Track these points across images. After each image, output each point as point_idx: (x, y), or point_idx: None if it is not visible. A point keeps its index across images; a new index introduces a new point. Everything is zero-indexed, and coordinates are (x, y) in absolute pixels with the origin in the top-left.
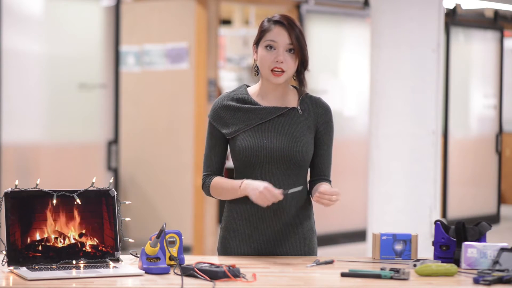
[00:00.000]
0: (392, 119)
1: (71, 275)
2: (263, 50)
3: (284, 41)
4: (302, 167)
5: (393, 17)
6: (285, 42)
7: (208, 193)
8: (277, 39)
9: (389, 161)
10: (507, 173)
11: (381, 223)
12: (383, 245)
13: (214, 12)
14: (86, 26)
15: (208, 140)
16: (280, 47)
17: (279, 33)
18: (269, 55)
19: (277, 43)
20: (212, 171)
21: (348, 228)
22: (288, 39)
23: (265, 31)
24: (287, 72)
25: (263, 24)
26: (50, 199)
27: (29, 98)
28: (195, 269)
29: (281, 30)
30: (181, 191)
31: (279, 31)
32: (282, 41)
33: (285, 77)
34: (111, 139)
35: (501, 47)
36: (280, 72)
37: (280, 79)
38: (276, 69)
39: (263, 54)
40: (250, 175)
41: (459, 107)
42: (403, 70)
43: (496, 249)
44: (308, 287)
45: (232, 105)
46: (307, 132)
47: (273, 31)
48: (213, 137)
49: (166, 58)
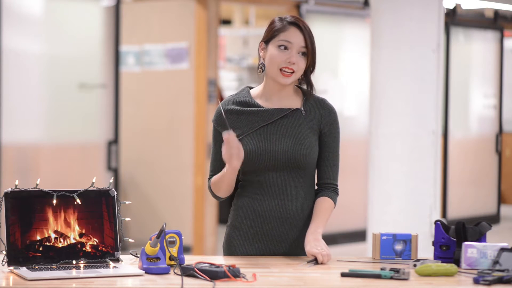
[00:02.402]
0: (392, 119)
1: (71, 275)
2: (275, 49)
3: (298, 43)
4: (307, 168)
5: (393, 17)
6: (299, 44)
7: (212, 193)
8: (293, 40)
9: (389, 161)
10: (507, 173)
11: (381, 223)
12: (383, 245)
13: (214, 12)
14: (86, 26)
15: (213, 145)
16: (294, 48)
17: (295, 35)
18: (281, 54)
19: (292, 44)
20: (215, 174)
21: (348, 228)
22: (303, 42)
23: (279, 31)
24: (296, 73)
25: (275, 24)
26: (50, 199)
27: (29, 98)
28: (195, 269)
29: (296, 32)
30: (181, 191)
31: (294, 33)
32: (297, 43)
33: (294, 78)
34: (111, 139)
35: (501, 47)
36: (290, 73)
37: (289, 80)
38: (286, 69)
39: (275, 53)
40: (254, 178)
41: (459, 107)
42: (403, 70)
43: (496, 249)
44: (308, 287)
45: (235, 109)
46: (311, 133)
47: (289, 32)
48: (217, 142)
49: (166, 58)
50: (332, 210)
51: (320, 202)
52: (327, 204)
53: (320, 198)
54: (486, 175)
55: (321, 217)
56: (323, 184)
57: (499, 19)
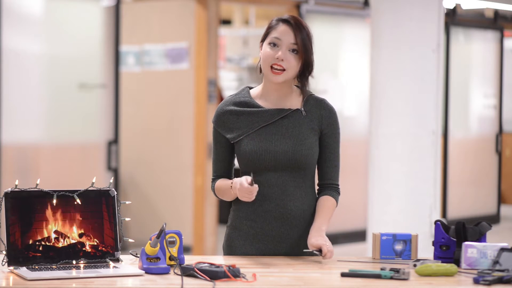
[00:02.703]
0: (392, 119)
1: (71, 275)
2: (267, 46)
3: (288, 40)
4: (307, 169)
5: (393, 17)
6: (289, 41)
7: (216, 196)
8: (282, 37)
9: (389, 161)
10: (507, 173)
11: (381, 223)
12: (383, 245)
13: (214, 12)
14: (86, 26)
15: (214, 146)
16: (283, 45)
17: (284, 32)
18: (271, 51)
19: (281, 41)
20: (218, 176)
21: (348, 228)
22: (292, 39)
23: (271, 29)
24: (287, 71)
25: (271, 22)
26: (50, 199)
27: (29, 98)
28: (195, 269)
29: (286, 29)
30: (181, 191)
31: (284, 30)
32: (286, 40)
33: (285, 76)
34: (111, 139)
35: (501, 47)
36: (280, 71)
37: (279, 77)
38: (275, 66)
39: (266, 50)
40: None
41: (459, 107)
42: (403, 70)
43: (496, 249)
44: (308, 287)
45: (235, 109)
46: (311, 134)
47: (279, 29)
48: (218, 143)
49: (166, 58)
50: (335, 209)
51: (323, 200)
52: (329, 202)
53: (322, 197)
54: (486, 175)
55: (325, 215)
56: (324, 184)
57: (499, 19)
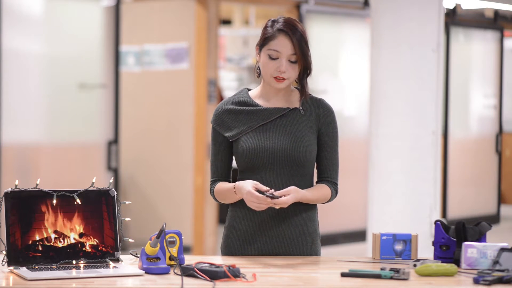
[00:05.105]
0: (392, 119)
1: (71, 275)
2: (266, 57)
3: (287, 52)
4: (305, 167)
5: (393, 17)
6: (288, 53)
7: (216, 199)
8: (281, 49)
9: (389, 161)
10: (507, 173)
11: (381, 223)
12: (383, 245)
13: (214, 12)
14: (86, 26)
15: (212, 146)
16: (283, 57)
17: (283, 43)
18: (271, 63)
19: (280, 53)
20: (217, 177)
21: (348, 228)
22: (291, 50)
23: (269, 39)
24: (290, 79)
25: (267, 29)
26: (50, 199)
27: (29, 98)
28: (195, 269)
29: (284, 40)
30: (181, 191)
31: (282, 41)
32: (285, 52)
33: (287, 83)
34: (111, 139)
35: (501, 47)
36: (282, 79)
37: (282, 84)
38: (277, 77)
39: (266, 61)
40: (252, 176)
41: (459, 107)
42: (403, 70)
43: (496, 249)
44: (308, 287)
45: (234, 108)
46: (309, 132)
47: (277, 40)
48: (216, 142)
49: (166, 58)
50: (326, 199)
51: (319, 185)
52: (324, 189)
53: (320, 184)
54: (486, 175)
55: (312, 191)
56: (323, 179)
57: (499, 19)
